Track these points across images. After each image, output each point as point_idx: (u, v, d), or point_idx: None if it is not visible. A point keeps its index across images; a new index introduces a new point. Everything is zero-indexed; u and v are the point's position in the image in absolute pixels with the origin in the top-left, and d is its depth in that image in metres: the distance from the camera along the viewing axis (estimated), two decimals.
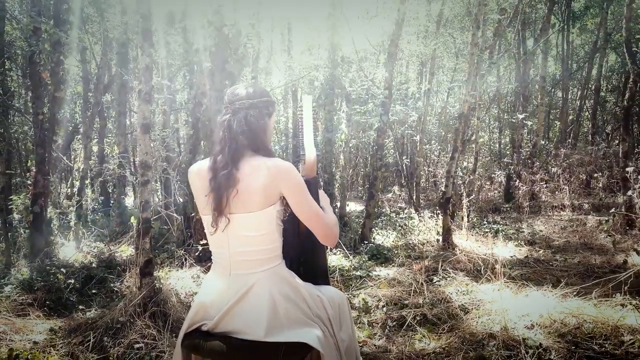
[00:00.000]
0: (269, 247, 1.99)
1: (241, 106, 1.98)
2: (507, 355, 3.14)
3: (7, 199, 5.60)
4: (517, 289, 4.42)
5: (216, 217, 1.93)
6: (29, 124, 8.22)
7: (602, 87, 17.05)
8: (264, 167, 1.89)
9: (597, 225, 8.20)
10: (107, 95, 7.77)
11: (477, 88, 6.94)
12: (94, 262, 5.60)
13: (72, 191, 6.46)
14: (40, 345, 3.36)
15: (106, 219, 8.34)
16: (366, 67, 9.93)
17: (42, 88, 5.25)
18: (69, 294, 4.55)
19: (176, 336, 3.32)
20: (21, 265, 5.05)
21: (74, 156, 7.84)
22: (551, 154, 11.73)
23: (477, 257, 5.59)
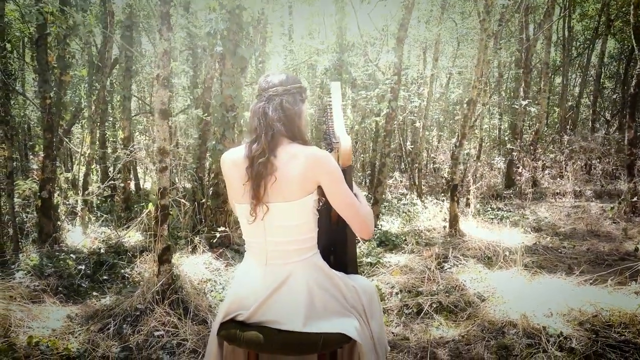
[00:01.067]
0: (305, 237, 1.97)
1: (275, 93, 1.96)
2: (528, 344, 3.15)
3: (13, 183, 5.53)
4: (530, 277, 4.42)
5: (254, 206, 1.90)
6: (30, 107, 8.14)
7: (591, 74, 17.07)
8: (302, 156, 1.86)
9: (601, 212, 8.24)
10: (108, 79, 7.67)
11: (485, 74, 6.87)
12: (102, 248, 5.57)
13: (78, 176, 6.39)
14: (57, 332, 3.34)
15: (109, 205, 8.30)
16: (370, 51, 9.83)
17: (50, 71, 5.16)
18: (81, 280, 4.52)
19: (197, 324, 3.31)
20: (30, 251, 5.01)
21: (79, 140, 7.77)
22: (554, 140, 11.71)
23: (488, 244, 5.60)
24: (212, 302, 3.78)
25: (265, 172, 1.86)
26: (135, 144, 6.18)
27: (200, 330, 3.21)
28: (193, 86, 6.69)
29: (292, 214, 1.91)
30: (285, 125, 1.94)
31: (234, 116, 4.89)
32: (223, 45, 4.81)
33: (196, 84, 6.48)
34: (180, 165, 6.04)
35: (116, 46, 6.87)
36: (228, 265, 4.69)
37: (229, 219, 5.17)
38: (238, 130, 5.04)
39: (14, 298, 3.72)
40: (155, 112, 3.33)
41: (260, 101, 1.98)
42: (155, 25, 3.43)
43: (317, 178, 1.88)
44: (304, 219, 1.94)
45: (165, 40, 3.30)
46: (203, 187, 5.31)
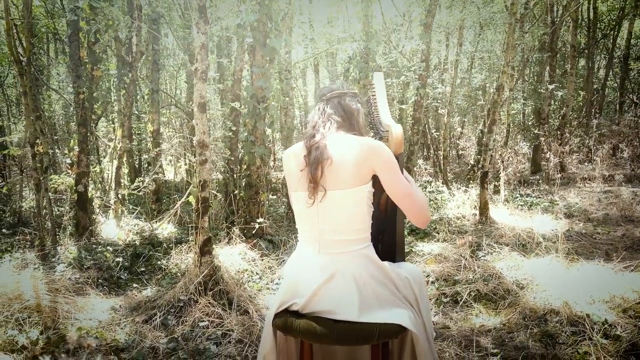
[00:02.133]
0: (359, 228, 1.99)
1: (333, 95, 2.11)
2: (572, 331, 3.13)
3: (48, 178, 5.63)
4: (568, 263, 4.38)
5: (312, 189, 1.94)
6: (60, 102, 8.25)
7: (619, 56, 16.68)
8: (357, 144, 1.92)
9: (633, 196, 8.11)
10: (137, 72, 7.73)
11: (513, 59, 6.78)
12: (136, 240, 5.66)
13: (111, 170, 6.48)
14: (104, 323, 3.41)
15: (139, 197, 8.41)
16: (394, 38, 9.75)
17: (82, 67, 5.22)
18: (120, 272, 4.60)
19: (240, 314, 3.35)
20: (68, 244, 5.11)
21: (102, 134, 7.88)
22: (580, 124, 11.53)
23: (521, 232, 5.56)
24: (251, 293, 3.83)
25: (321, 157, 1.92)
26: (164, 137, 6.27)
27: (244, 321, 3.25)
28: (221, 78, 6.72)
29: (346, 202, 1.94)
30: (345, 119, 2.06)
31: (265, 107, 4.90)
32: (253, 37, 4.82)
33: (223, 76, 6.50)
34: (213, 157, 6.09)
35: (142, 40, 6.91)
36: (263, 255, 4.73)
37: (262, 210, 5.21)
38: (269, 122, 5.06)
39: (59, 290, 3.80)
40: (194, 106, 3.36)
41: (319, 104, 2.12)
42: (193, 19, 3.45)
43: (372, 166, 1.92)
44: (357, 209, 1.96)
45: (203, 34, 3.31)
46: (235, 178, 5.34)
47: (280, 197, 7.37)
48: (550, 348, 2.87)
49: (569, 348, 2.92)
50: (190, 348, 2.92)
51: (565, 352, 2.88)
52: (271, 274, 4.37)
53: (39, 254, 4.72)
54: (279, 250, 4.96)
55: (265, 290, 4.07)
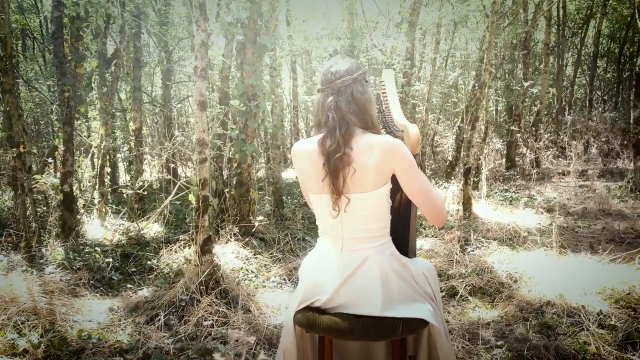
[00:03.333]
0: (381, 225, 2.01)
1: (344, 84, 1.94)
2: (569, 323, 3.22)
3: (32, 178, 5.50)
4: (556, 257, 4.50)
5: (336, 199, 1.93)
6: (35, 100, 8.06)
7: (589, 53, 17.15)
8: (377, 145, 1.87)
9: (607, 191, 8.35)
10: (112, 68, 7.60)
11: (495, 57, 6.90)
12: (122, 240, 5.58)
13: (93, 169, 6.37)
14: (103, 325, 3.36)
15: (118, 197, 8.27)
16: (374, 36, 9.81)
17: (67, 64, 5.12)
18: (111, 272, 4.54)
19: (244, 312, 3.35)
20: (54, 245, 5.00)
21: (83, 133, 7.72)
22: (555, 120, 11.80)
23: (506, 226, 5.68)
24: (249, 290, 3.82)
25: (342, 165, 1.88)
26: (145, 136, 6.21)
27: (249, 319, 3.25)
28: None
29: (369, 203, 1.94)
30: (359, 116, 1.94)
31: (256, 105, 4.89)
32: (244, 35, 4.80)
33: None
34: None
35: (125, 37, 6.79)
36: (256, 253, 4.72)
37: (253, 208, 5.19)
38: (259, 120, 5.04)
39: (54, 292, 3.73)
40: (194, 104, 3.34)
41: (329, 94, 1.96)
42: (192, 17, 3.41)
43: (392, 166, 1.90)
44: (380, 208, 1.97)
45: (203, 32, 3.29)
46: (223, 176, 5.31)
47: (264, 195, 7.35)
48: (552, 339, 2.94)
49: (568, 339, 3.01)
50: (200, 347, 2.90)
51: (564, 342, 2.96)
52: (266, 271, 4.37)
53: (26, 256, 4.61)
54: (272, 248, 4.96)
55: (262, 289, 4.06)
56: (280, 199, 6.52)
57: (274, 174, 6.42)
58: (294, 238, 5.22)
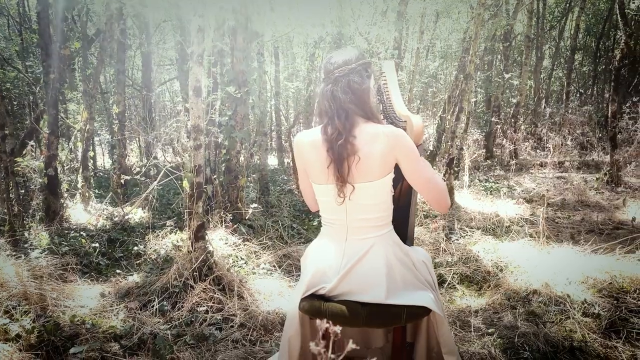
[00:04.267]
0: (384, 215, 2.05)
1: (341, 73, 1.97)
2: (555, 311, 3.32)
3: (13, 161, 5.40)
4: (539, 247, 4.61)
5: (341, 187, 1.96)
6: (12, 80, 7.87)
7: (566, 46, 17.44)
8: (382, 135, 1.91)
9: (584, 182, 8.55)
10: (94, 50, 7.48)
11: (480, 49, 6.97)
12: (107, 225, 5.53)
13: (74, 153, 6.27)
14: (96, 310, 3.35)
15: (98, 181, 8.18)
16: (361, 25, 9.79)
17: (53, 45, 5.01)
18: (97, 258, 4.50)
19: (238, 299, 3.36)
20: (38, 229, 4.93)
21: (65, 116, 7.59)
22: (535, 112, 11.99)
23: (488, 216, 5.79)
24: (240, 277, 3.84)
25: (346, 153, 1.91)
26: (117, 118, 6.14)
27: (245, 305, 3.27)
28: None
29: (374, 193, 1.98)
30: (357, 105, 1.97)
31: (246, 91, 4.87)
32: (235, 20, 4.76)
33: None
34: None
35: (98, 19, 6.67)
36: (245, 240, 4.73)
37: (241, 195, 5.19)
38: (250, 106, 5.03)
39: (42, 277, 3.69)
40: (189, 90, 3.31)
41: (327, 84, 1.99)
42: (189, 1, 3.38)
43: (396, 156, 1.94)
44: (384, 197, 2.02)
45: (200, 17, 3.26)
46: (211, 162, 5.29)
47: (250, 181, 7.34)
48: (541, 327, 3.03)
49: (554, 326, 3.11)
50: (196, 333, 2.92)
51: (552, 330, 3.06)
52: (256, 258, 4.39)
53: (10, 240, 4.53)
54: (260, 235, 4.97)
55: (252, 275, 4.08)
56: (266, 186, 6.52)
57: (260, 161, 6.41)
58: (282, 225, 5.24)
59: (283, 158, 12.81)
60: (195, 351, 2.74)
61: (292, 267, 4.28)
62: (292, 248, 4.55)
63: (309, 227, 5.49)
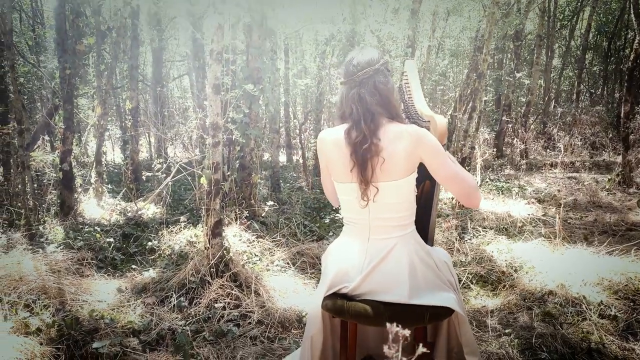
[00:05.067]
0: (407, 214, 2.05)
1: (366, 75, 1.96)
2: (571, 312, 3.31)
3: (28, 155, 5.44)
4: (552, 247, 4.60)
5: (364, 189, 1.96)
6: (26, 75, 7.92)
7: (577, 45, 17.34)
8: (406, 134, 1.91)
9: (595, 183, 8.51)
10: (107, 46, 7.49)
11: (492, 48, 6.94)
12: (120, 220, 5.56)
13: (83, 147, 6.31)
14: (113, 305, 3.37)
15: (110, 175, 8.21)
16: (370, 22, 9.78)
17: (69, 41, 5.04)
18: (112, 253, 4.53)
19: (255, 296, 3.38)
20: (53, 224, 4.97)
21: (82, 111, 7.64)
22: (546, 112, 11.94)
23: (501, 215, 5.78)
24: (255, 274, 3.85)
25: (370, 155, 1.91)
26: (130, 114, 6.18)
27: (261, 302, 3.29)
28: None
29: (397, 192, 1.98)
30: (384, 106, 1.97)
31: (260, 89, 4.88)
32: (251, 17, 4.77)
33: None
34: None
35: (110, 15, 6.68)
36: (258, 237, 4.75)
37: (254, 192, 5.21)
38: (264, 104, 5.04)
39: (60, 271, 3.72)
40: (208, 87, 3.33)
41: (352, 87, 1.98)
42: None
43: (421, 154, 1.93)
44: (407, 197, 2.02)
45: (219, 14, 3.27)
46: (224, 159, 5.30)
47: (262, 178, 7.36)
48: (559, 328, 3.03)
49: (571, 327, 3.10)
50: (215, 329, 2.93)
51: (568, 331, 3.06)
52: (270, 255, 4.40)
53: (26, 234, 4.57)
54: (273, 232, 4.99)
55: (266, 272, 4.09)
56: (277, 183, 6.54)
57: (271, 158, 6.42)
58: (295, 223, 5.25)
59: (292, 155, 12.83)
60: (214, 347, 2.75)
61: (306, 264, 4.28)
62: (305, 245, 4.56)
63: (321, 224, 5.49)
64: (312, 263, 4.29)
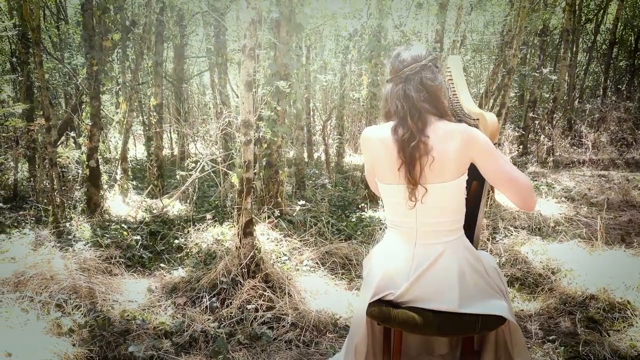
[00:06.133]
0: (456, 218, 1.96)
1: (412, 71, 1.89)
2: (616, 318, 3.18)
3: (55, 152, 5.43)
4: (590, 249, 4.46)
5: (412, 190, 1.87)
6: (54, 72, 7.94)
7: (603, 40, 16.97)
8: (457, 133, 1.82)
9: (626, 181, 8.30)
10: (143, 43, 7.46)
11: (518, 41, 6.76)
12: (146, 217, 5.53)
13: (106, 143, 6.30)
14: (143, 305, 3.32)
15: (134, 172, 8.21)
16: (397, 17, 9.66)
17: (96, 37, 5.01)
18: (140, 251, 4.49)
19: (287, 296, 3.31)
20: (80, 221, 4.95)
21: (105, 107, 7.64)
22: (574, 108, 11.69)
23: (532, 215, 5.64)
24: (287, 274, 3.78)
25: (419, 154, 1.82)
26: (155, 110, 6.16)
27: (294, 304, 3.21)
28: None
29: (447, 195, 1.89)
30: (431, 103, 1.88)
31: (289, 85, 4.80)
32: (280, 12, 4.69)
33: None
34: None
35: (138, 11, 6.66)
36: (286, 235, 4.67)
37: (281, 189, 5.14)
38: (292, 100, 4.96)
39: (89, 270, 3.69)
40: (240, 84, 3.25)
41: (397, 83, 1.91)
42: None
43: (472, 155, 1.84)
44: (456, 200, 1.92)
45: (253, 9, 3.19)
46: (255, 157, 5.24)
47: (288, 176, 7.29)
48: (605, 335, 2.91)
49: (617, 335, 2.98)
50: (249, 332, 2.87)
51: (614, 338, 2.93)
52: (299, 254, 4.33)
53: (54, 231, 4.56)
54: (300, 231, 4.91)
55: (295, 272, 4.02)
56: (302, 181, 6.46)
57: (296, 155, 6.35)
58: (321, 221, 5.17)
59: (313, 152, 12.74)
60: (249, 351, 2.69)
61: (336, 264, 4.20)
62: (334, 245, 4.47)
63: (348, 223, 5.41)
64: (342, 263, 4.20)
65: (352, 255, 4.27)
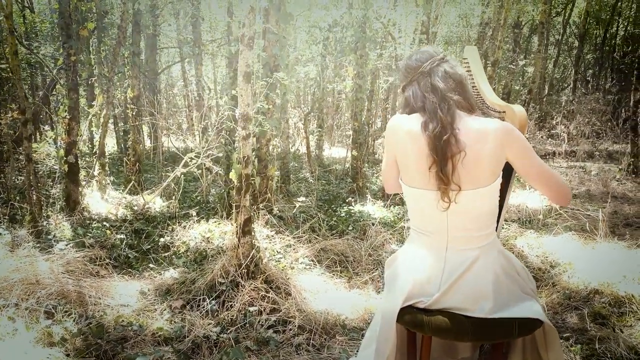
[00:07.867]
0: (490, 222, 1.85)
1: (432, 64, 1.80)
2: (622, 312, 3.16)
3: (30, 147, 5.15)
4: (583, 241, 4.46)
5: (445, 189, 1.74)
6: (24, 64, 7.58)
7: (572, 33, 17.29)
8: (491, 131, 1.70)
9: (602, 172, 8.42)
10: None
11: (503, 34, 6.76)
12: (127, 214, 5.30)
13: (90, 139, 6.02)
14: (138, 310, 3.14)
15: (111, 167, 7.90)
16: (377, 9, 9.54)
17: (74, 25, 4.74)
18: (125, 250, 4.28)
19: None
20: (59, 219, 4.70)
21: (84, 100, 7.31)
22: (551, 100, 11.84)
23: (519, 207, 5.63)
24: (283, 273, 3.64)
25: (451, 151, 1.70)
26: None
27: (297, 305, 3.08)
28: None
29: (481, 201, 1.77)
30: (461, 93, 1.78)
31: (281, 77, 4.63)
32: (269, 1, 4.52)
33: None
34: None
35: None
36: (278, 232, 4.53)
37: (271, 185, 4.99)
38: (282, 92, 4.80)
39: (74, 272, 3.48)
40: (239, 75, 3.09)
41: (419, 80, 1.81)
42: None
43: (507, 153, 1.73)
44: (490, 205, 1.81)
45: None
46: None
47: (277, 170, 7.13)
48: (618, 331, 2.88)
49: (628, 330, 2.95)
50: (253, 338, 2.72)
51: (626, 333, 2.90)
52: (293, 252, 4.19)
53: (33, 231, 4.31)
54: (290, 227, 4.77)
55: (290, 270, 3.89)
56: (287, 175, 6.32)
57: (281, 149, 6.21)
58: (312, 217, 5.04)
59: (290, 145, 12.59)
60: (259, 358, 2.55)
61: (332, 262, 4.08)
62: (329, 242, 4.34)
63: (338, 218, 5.29)
64: (339, 260, 4.08)
65: (348, 252, 4.16)
